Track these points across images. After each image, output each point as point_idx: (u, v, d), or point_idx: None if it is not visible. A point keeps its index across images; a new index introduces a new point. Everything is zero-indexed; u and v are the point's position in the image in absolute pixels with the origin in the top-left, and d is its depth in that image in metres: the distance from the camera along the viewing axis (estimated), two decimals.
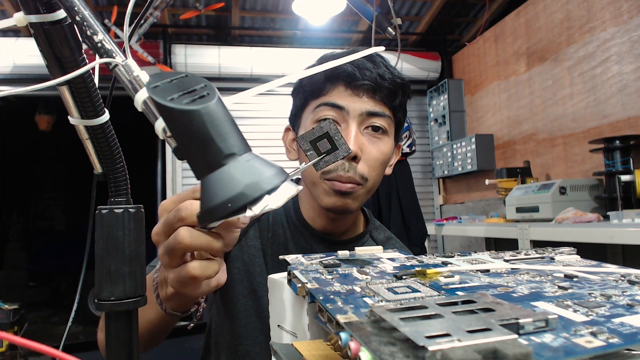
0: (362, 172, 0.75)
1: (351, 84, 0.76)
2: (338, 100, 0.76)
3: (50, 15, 0.33)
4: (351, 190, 0.75)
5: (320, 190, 0.77)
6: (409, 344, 0.21)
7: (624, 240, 1.46)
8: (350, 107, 0.75)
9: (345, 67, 0.75)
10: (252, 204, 0.31)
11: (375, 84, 0.75)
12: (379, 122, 0.77)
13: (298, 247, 0.84)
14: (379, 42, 3.14)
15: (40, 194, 7.46)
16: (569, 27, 2.42)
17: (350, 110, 0.75)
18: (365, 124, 0.77)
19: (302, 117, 0.82)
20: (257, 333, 0.79)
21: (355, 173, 0.75)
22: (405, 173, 2.71)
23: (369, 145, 0.76)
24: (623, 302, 0.29)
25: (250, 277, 0.82)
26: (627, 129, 2.07)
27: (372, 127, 0.77)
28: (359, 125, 0.76)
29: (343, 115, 0.76)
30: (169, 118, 0.31)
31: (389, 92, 0.77)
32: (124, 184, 0.39)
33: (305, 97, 0.81)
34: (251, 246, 0.84)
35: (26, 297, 5.61)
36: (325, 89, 0.77)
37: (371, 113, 0.76)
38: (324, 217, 0.83)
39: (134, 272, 0.36)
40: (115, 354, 0.36)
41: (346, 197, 0.76)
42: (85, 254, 0.47)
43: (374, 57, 0.78)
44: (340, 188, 0.75)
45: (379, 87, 0.76)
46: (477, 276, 0.37)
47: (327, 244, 0.85)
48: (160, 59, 3.22)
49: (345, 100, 0.76)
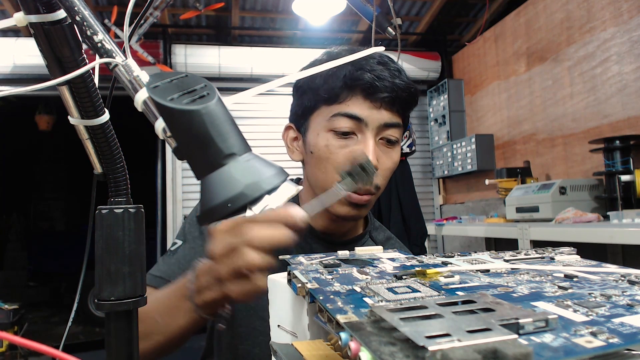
0: (377, 183, 0.77)
1: (371, 95, 0.75)
2: (357, 112, 0.75)
3: (50, 15, 0.33)
4: (366, 203, 0.77)
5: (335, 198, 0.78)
6: (409, 344, 0.21)
7: (624, 240, 1.46)
8: (369, 119, 0.75)
9: (363, 77, 0.74)
10: (252, 204, 0.31)
11: (393, 95, 0.75)
12: (394, 135, 0.78)
13: (298, 246, 0.84)
14: (379, 42, 3.14)
15: (40, 194, 7.46)
16: (569, 27, 2.42)
17: (370, 122, 0.75)
18: (381, 135, 0.77)
19: (312, 120, 0.80)
20: (257, 333, 0.79)
21: (372, 185, 0.76)
22: (405, 173, 2.71)
23: (383, 156, 0.78)
24: (623, 302, 0.29)
25: None
26: (627, 129, 2.07)
27: (387, 140, 0.78)
28: (375, 136, 0.76)
29: (361, 126, 0.75)
30: (169, 118, 0.31)
31: (405, 103, 0.78)
32: (124, 184, 0.39)
33: (316, 100, 0.79)
34: None
35: (26, 297, 5.60)
36: (342, 97, 0.76)
37: (388, 125, 0.76)
38: (327, 219, 0.83)
39: (134, 272, 0.36)
40: (115, 354, 0.36)
41: (361, 208, 0.78)
42: (85, 254, 0.47)
43: (388, 63, 0.77)
44: (358, 201, 0.76)
45: (397, 98, 0.76)
46: (477, 276, 0.37)
47: (326, 244, 0.85)
48: (160, 59, 3.22)
49: (364, 112, 0.75)
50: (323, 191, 0.78)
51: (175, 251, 0.82)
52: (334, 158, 0.75)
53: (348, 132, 0.75)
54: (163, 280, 0.77)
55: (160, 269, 0.79)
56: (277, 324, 0.40)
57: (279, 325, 0.40)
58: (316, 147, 0.78)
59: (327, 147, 0.76)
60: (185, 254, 0.81)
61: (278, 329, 0.40)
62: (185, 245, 0.82)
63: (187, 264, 0.77)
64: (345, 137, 0.76)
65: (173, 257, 0.81)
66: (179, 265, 0.79)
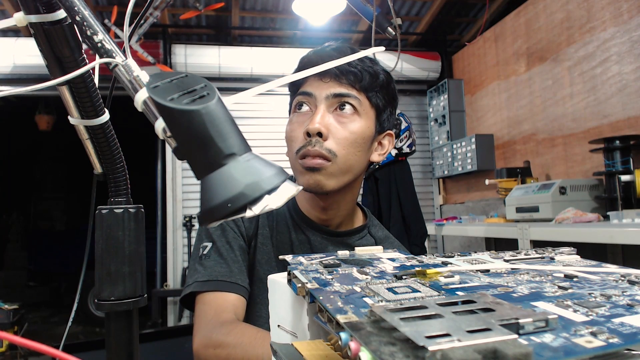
0: (328, 147, 0.78)
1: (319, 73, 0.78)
2: (307, 88, 0.82)
3: (50, 15, 0.33)
4: (319, 166, 0.78)
5: (297, 172, 0.81)
6: (409, 344, 0.21)
7: (624, 240, 1.46)
8: (316, 92, 0.81)
9: (312, 59, 0.83)
10: (252, 204, 0.31)
11: (339, 69, 0.80)
12: (345, 101, 0.81)
13: (298, 237, 0.88)
14: (379, 42, 3.14)
15: (40, 194, 7.46)
16: (569, 27, 2.42)
17: (317, 95, 0.81)
18: (334, 106, 0.81)
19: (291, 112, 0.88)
20: (262, 321, 0.81)
21: (321, 147, 0.78)
22: (405, 173, 2.71)
23: (336, 124, 0.80)
24: (623, 302, 0.29)
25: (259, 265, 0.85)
26: (627, 129, 2.07)
27: (339, 107, 0.81)
28: (327, 107, 0.81)
29: (313, 100, 0.81)
30: (169, 118, 0.31)
31: (354, 75, 0.81)
32: (124, 184, 0.39)
33: (291, 94, 0.88)
34: (260, 234, 0.87)
35: (26, 297, 5.61)
36: (300, 83, 0.84)
37: (337, 95, 0.80)
38: (314, 205, 0.86)
39: (134, 272, 0.36)
40: (115, 354, 0.36)
41: (316, 172, 0.78)
42: (85, 254, 0.47)
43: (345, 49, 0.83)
44: (310, 164, 0.78)
45: (342, 72, 0.80)
46: (477, 276, 0.37)
47: (324, 235, 0.87)
48: (160, 59, 3.22)
49: (312, 87, 0.82)
50: (294, 171, 0.84)
51: (208, 254, 0.83)
52: (292, 133, 0.82)
53: (301, 104, 0.83)
54: (214, 282, 0.79)
55: (206, 273, 0.80)
56: (277, 324, 0.40)
57: (279, 325, 0.40)
58: (286, 131, 0.85)
59: (289, 125, 0.85)
60: (221, 252, 0.83)
61: (278, 329, 0.40)
62: (216, 244, 0.84)
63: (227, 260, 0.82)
64: (302, 112, 0.83)
65: (210, 258, 0.82)
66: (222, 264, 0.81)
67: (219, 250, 0.82)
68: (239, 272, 0.81)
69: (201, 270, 0.81)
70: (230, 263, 0.81)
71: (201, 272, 0.80)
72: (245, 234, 0.86)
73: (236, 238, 0.85)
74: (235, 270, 0.81)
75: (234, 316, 0.76)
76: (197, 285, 0.79)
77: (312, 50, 0.86)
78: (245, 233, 0.86)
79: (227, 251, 0.82)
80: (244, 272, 0.83)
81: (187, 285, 0.81)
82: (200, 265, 0.81)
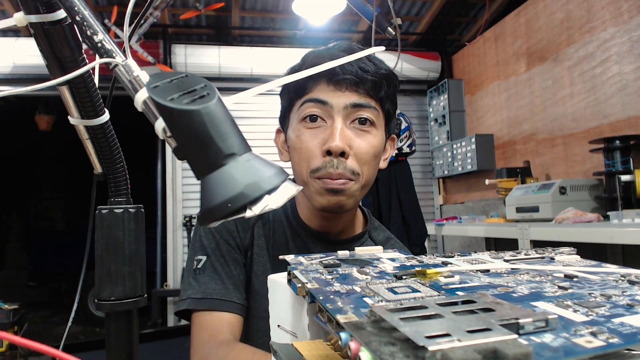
0: (352, 167, 0.74)
1: (332, 79, 0.75)
2: (321, 96, 0.75)
3: (50, 15, 0.33)
4: (343, 187, 0.74)
5: (312, 190, 0.76)
6: (409, 344, 0.21)
7: (624, 240, 1.46)
8: (333, 101, 0.74)
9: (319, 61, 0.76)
10: (252, 204, 0.30)
11: (357, 77, 0.74)
12: (366, 114, 0.76)
13: (296, 246, 0.84)
14: (379, 42, 3.14)
15: (40, 194, 7.46)
16: (569, 27, 2.42)
17: (334, 104, 0.74)
18: (352, 117, 0.76)
19: (290, 118, 0.82)
20: (258, 334, 0.80)
21: (345, 169, 0.73)
22: (405, 173, 2.71)
23: (357, 139, 0.75)
24: (623, 302, 0.29)
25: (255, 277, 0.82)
26: (627, 129, 2.07)
27: (358, 120, 0.76)
28: (344, 119, 0.75)
29: (328, 110, 0.75)
30: (169, 118, 0.31)
31: (373, 84, 0.76)
32: (124, 184, 0.39)
33: (290, 98, 0.81)
34: (256, 245, 0.84)
35: (26, 297, 5.61)
36: (308, 87, 0.77)
37: (356, 105, 0.75)
38: (319, 216, 0.82)
39: (134, 272, 0.36)
40: (115, 354, 0.36)
41: (339, 194, 0.74)
42: (85, 254, 0.47)
43: (354, 50, 0.77)
44: (332, 186, 0.73)
45: (361, 80, 0.75)
46: (477, 276, 0.37)
47: (324, 244, 0.84)
48: (160, 59, 3.22)
49: (327, 96, 0.75)
50: (302, 184, 0.77)
51: (202, 268, 0.80)
52: (305, 147, 0.75)
53: (315, 117, 0.75)
54: (209, 300, 0.76)
55: (200, 289, 0.77)
56: (277, 324, 0.40)
57: (279, 325, 0.40)
58: (291, 140, 0.79)
59: (299, 137, 0.77)
60: (216, 267, 0.80)
61: (278, 329, 0.40)
62: (210, 259, 0.81)
63: (222, 276, 0.78)
64: (315, 125, 0.76)
65: (204, 274, 0.79)
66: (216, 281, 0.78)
67: (213, 265, 0.80)
68: (234, 289, 0.78)
69: (195, 286, 0.78)
70: (225, 279, 0.78)
71: (195, 288, 0.78)
72: (241, 244, 0.83)
73: (230, 251, 0.81)
74: (231, 286, 0.78)
75: (230, 336, 0.73)
76: (191, 302, 0.76)
77: (317, 50, 0.82)
78: (240, 244, 0.83)
79: (221, 266, 0.80)
80: (240, 287, 0.80)
81: (181, 300, 0.78)
82: (195, 280, 0.79)
